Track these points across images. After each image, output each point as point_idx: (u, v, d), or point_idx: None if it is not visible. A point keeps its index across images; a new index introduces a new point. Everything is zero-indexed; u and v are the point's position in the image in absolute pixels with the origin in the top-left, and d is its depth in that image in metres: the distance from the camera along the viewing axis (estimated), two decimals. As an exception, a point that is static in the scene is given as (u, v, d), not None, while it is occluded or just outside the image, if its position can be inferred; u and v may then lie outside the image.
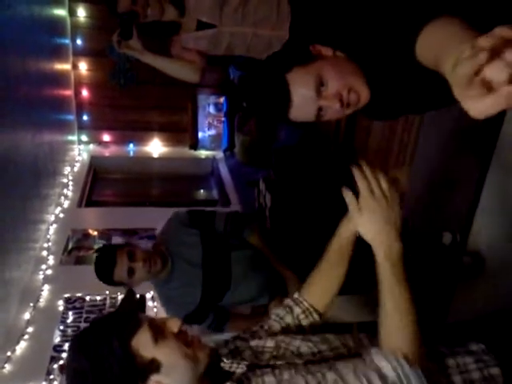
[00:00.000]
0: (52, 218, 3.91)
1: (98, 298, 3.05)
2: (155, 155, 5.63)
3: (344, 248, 1.22)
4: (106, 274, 2.00)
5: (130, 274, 1.97)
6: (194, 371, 1.00)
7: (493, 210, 2.08)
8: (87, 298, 3.05)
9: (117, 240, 3.70)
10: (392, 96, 1.24)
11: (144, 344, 0.96)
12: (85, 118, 5.46)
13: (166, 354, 0.97)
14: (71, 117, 5.29)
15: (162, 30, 2.20)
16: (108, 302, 3.03)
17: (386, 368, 0.97)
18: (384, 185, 1.05)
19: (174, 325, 1.02)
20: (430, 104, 1.34)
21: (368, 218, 1.05)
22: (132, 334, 0.96)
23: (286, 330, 1.22)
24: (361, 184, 1.05)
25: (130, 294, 1.10)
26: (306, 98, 1.13)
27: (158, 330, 0.99)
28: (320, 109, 1.14)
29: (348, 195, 1.07)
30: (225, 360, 1.07)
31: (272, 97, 1.16)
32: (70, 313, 2.91)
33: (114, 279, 1.99)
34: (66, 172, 4.71)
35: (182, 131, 5.73)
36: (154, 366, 0.95)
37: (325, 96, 1.12)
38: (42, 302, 3.00)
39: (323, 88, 1.12)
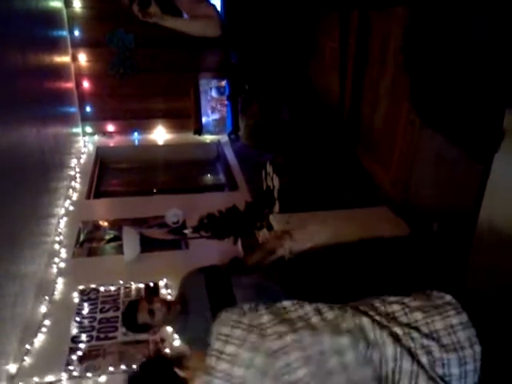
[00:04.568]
0: (62, 211, 3.94)
1: (112, 288, 3.09)
2: (160, 142, 5.64)
3: None
4: (131, 320, 2.16)
5: (150, 315, 2.11)
6: None
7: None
8: (101, 288, 3.08)
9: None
10: None
11: None
12: (88, 109, 5.46)
13: None
14: (74, 109, 5.30)
15: None
16: (122, 291, 3.06)
17: None
18: None
19: None
20: None
21: None
22: None
23: None
24: None
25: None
26: None
27: None
28: None
29: None
30: None
31: None
32: (86, 304, 2.95)
33: (138, 322, 2.13)
34: (72, 164, 4.73)
35: (186, 117, 5.71)
36: None
37: None
38: (57, 295, 3.04)
39: None
